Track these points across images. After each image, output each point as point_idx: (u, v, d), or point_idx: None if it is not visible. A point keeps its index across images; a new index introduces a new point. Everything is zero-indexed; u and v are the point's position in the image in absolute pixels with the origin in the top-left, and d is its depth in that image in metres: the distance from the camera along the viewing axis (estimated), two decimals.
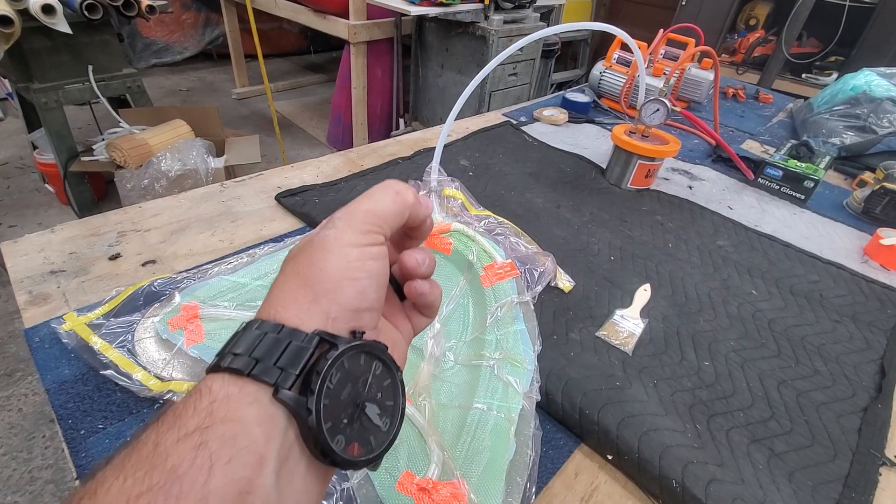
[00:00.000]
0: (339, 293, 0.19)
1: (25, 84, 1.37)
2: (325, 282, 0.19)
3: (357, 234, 0.20)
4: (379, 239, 0.21)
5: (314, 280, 0.19)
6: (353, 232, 0.20)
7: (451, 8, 1.73)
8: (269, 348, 0.17)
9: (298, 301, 0.19)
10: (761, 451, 0.37)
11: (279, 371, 0.16)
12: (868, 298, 0.56)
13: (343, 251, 0.20)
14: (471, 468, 0.32)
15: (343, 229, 0.20)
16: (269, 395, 0.16)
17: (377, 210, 0.21)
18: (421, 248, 0.24)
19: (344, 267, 0.19)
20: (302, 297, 0.19)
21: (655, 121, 0.70)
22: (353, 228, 0.20)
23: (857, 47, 2.04)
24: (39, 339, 0.41)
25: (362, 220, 0.21)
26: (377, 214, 0.21)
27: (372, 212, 0.21)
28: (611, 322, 0.48)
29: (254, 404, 0.16)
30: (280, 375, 0.16)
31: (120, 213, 0.58)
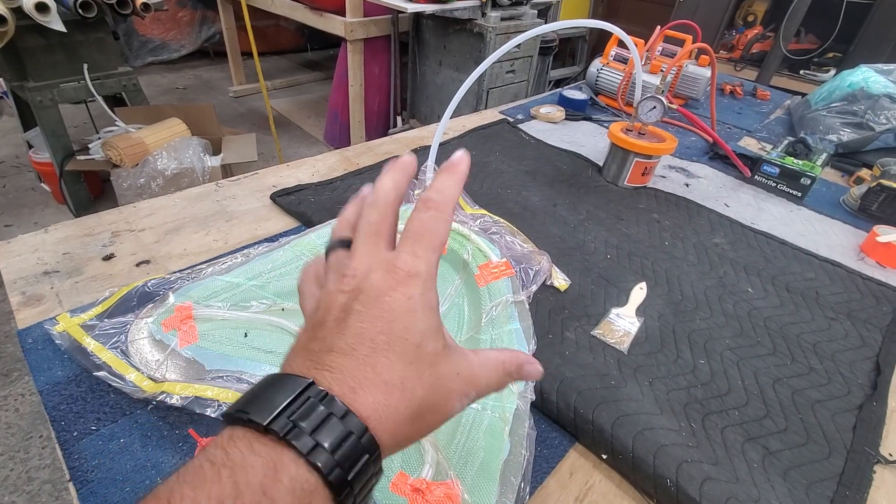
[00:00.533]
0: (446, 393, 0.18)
1: (20, 83, 1.36)
2: (430, 373, 0.18)
3: (435, 288, 0.19)
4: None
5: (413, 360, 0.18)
6: (433, 288, 0.19)
7: (448, 5, 1.72)
8: (349, 455, 0.16)
9: (387, 385, 0.17)
10: (756, 449, 0.37)
11: (348, 488, 0.16)
12: (864, 296, 0.56)
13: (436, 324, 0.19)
14: (465, 468, 0.32)
15: (429, 282, 0.19)
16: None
17: (444, 238, 0.20)
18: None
19: (449, 359, 0.19)
20: (394, 383, 0.17)
21: (652, 118, 0.69)
22: (435, 270, 0.19)
23: (855, 43, 2.04)
24: (33, 340, 0.41)
25: (438, 258, 0.19)
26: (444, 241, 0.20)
27: (443, 243, 0.20)
28: (606, 321, 0.48)
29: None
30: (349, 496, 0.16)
31: (114, 212, 0.57)
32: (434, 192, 0.20)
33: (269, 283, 0.45)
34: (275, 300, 0.44)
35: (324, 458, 0.15)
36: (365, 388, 0.17)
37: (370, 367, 0.17)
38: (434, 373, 0.18)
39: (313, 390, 0.16)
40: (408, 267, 0.19)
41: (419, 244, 0.19)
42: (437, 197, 0.20)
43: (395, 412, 0.17)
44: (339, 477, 0.15)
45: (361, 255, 0.19)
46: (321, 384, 0.17)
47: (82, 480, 0.32)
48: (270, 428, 0.15)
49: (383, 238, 0.20)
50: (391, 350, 0.17)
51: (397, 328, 0.18)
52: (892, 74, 0.94)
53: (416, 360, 0.18)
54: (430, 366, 0.18)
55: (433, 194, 0.20)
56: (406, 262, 0.19)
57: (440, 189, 0.21)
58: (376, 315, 0.18)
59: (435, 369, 0.18)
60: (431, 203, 0.20)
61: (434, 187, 0.21)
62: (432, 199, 0.20)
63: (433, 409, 0.18)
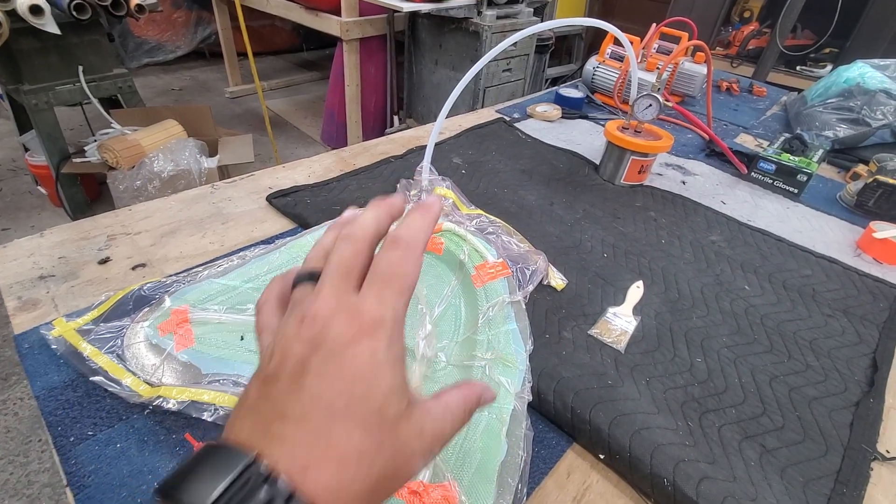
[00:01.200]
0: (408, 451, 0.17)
1: (15, 85, 1.35)
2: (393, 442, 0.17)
3: (402, 338, 0.17)
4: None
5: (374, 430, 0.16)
6: (399, 338, 0.17)
7: (444, 4, 1.72)
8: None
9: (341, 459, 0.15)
10: (753, 447, 0.37)
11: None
12: (860, 292, 0.56)
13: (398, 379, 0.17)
14: (462, 470, 0.32)
15: (396, 332, 0.17)
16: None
17: (414, 281, 0.18)
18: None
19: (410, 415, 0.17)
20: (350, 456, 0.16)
21: (648, 116, 0.69)
22: (403, 315, 0.17)
23: (852, 39, 2.04)
24: (29, 345, 0.41)
25: (407, 301, 0.18)
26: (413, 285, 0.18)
27: (414, 288, 0.18)
28: (603, 320, 0.48)
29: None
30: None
31: (110, 216, 0.57)
32: (405, 229, 0.19)
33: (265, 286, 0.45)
34: None
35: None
36: (318, 465, 0.15)
37: (324, 438, 0.16)
38: (395, 439, 0.17)
39: (255, 470, 0.15)
40: (373, 314, 0.17)
41: (387, 288, 0.18)
42: (408, 235, 0.19)
43: (348, 490, 0.15)
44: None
45: (326, 296, 0.18)
46: (269, 458, 0.15)
47: (79, 486, 0.32)
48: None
49: (353, 278, 0.18)
50: (350, 416, 0.16)
51: (358, 390, 0.16)
52: (889, 70, 0.94)
53: (377, 427, 0.16)
54: (392, 431, 0.17)
55: (404, 232, 0.19)
56: (372, 309, 0.17)
57: (411, 226, 0.19)
58: (336, 374, 0.16)
59: (396, 435, 0.17)
60: (401, 242, 0.19)
61: (405, 224, 0.19)
62: (402, 238, 0.19)
63: (392, 478, 0.17)
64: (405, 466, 0.17)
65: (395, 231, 0.19)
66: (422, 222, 0.20)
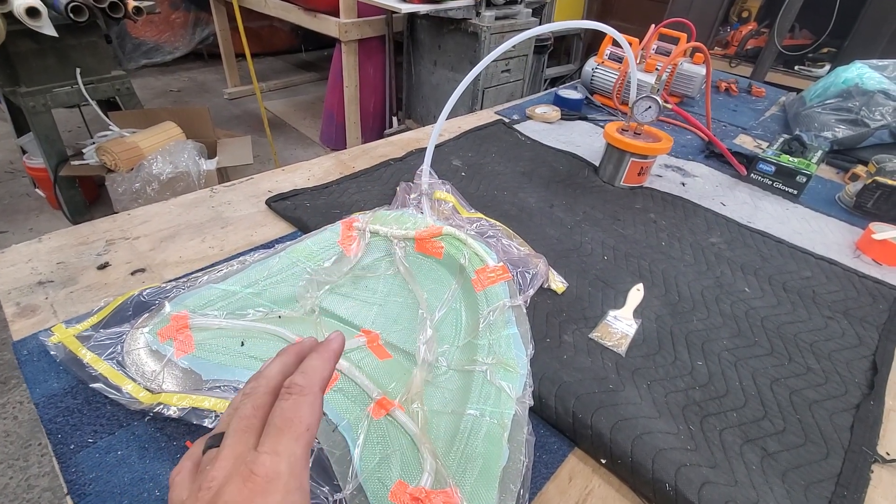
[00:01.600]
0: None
1: (12, 88, 1.35)
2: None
3: (304, 485, 0.18)
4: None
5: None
6: (298, 486, 0.17)
7: (443, 5, 1.71)
8: None
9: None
10: (754, 451, 0.37)
11: None
12: (860, 294, 0.56)
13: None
14: (464, 476, 0.32)
15: (292, 482, 0.17)
16: None
17: (316, 421, 0.19)
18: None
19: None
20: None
21: (647, 118, 0.69)
22: (303, 457, 0.18)
23: (850, 39, 2.04)
24: (28, 351, 0.41)
25: (308, 442, 0.18)
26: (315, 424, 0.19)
27: (314, 430, 0.19)
28: (604, 323, 0.48)
29: None
30: None
31: (108, 220, 0.57)
32: (298, 375, 0.20)
33: (266, 290, 0.45)
34: (271, 308, 0.44)
35: None
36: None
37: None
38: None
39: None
40: (266, 471, 0.17)
41: (280, 438, 0.18)
42: (301, 381, 0.20)
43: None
44: None
45: (224, 459, 0.18)
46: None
47: (80, 494, 0.32)
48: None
49: (252, 435, 0.19)
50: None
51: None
52: (887, 70, 0.94)
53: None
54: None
55: (297, 378, 0.20)
56: (264, 466, 0.17)
57: (305, 371, 0.20)
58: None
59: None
60: (294, 388, 0.19)
61: (300, 369, 0.20)
62: (295, 384, 0.20)
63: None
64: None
65: (290, 378, 0.20)
66: (320, 362, 0.21)
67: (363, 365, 0.40)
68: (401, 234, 0.51)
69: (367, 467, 0.32)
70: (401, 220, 0.53)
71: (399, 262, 0.50)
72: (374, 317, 0.45)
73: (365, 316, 0.45)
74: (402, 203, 0.58)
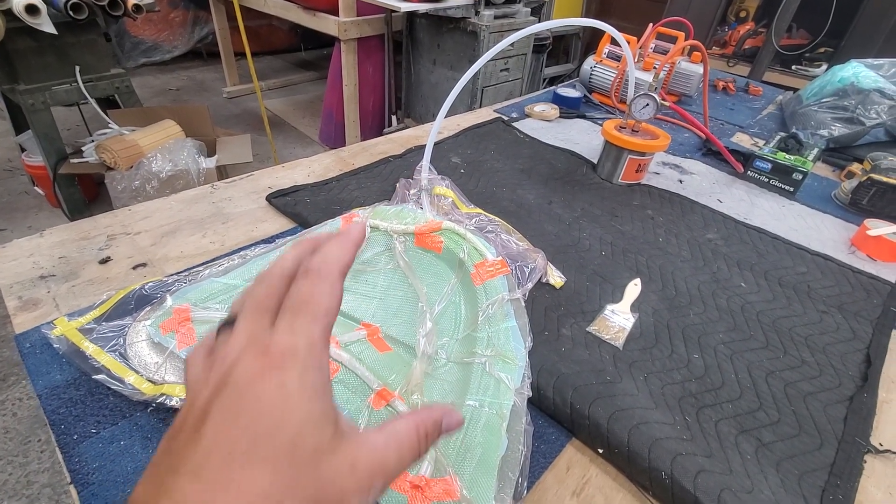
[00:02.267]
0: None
1: (11, 85, 1.35)
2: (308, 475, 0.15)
3: (323, 366, 0.16)
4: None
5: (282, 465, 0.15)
6: (317, 366, 0.16)
7: (442, 3, 1.72)
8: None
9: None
10: (749, 441, 0.38)
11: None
12: (855, 289, 0.57)
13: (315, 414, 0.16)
14: (463, 464, 0.33)
15: (310, 360, 0.16)
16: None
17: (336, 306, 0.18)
18: None
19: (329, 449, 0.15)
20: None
21: (645, 116, 0.70)
22: (322, 340, 0.16)
23: (847, 38, 2.05)
24: (30, 344, 0.41)
25: (326, 326, 0.17)
26: (335, 312, 0.17)
27: (333, 315, 0.17)
28: (601, 317, 0.48)
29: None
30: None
31: (110, 216, 0.57)
32: (317, 258, 0.19)
33: None
34: None
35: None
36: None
37: (221, 488, 0.14)
38: (316, 475, 0.15)
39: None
40: (282, 347, 0.16)
41: (297, 317, 0.17)
42: (319, 263, 0.18)
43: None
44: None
45: (237, 335, 0.17)
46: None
47: (83, 483, 0.32)
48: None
49: (267, 314, 0.17)
50: (253, 456, 0.14)
51: (263, 425, 0.15)
52: (882, 69, 0.95)
53: (290, 464, 0.15)
54: (310, 466, 0.15)
55: (315, 260, 0.18)
56: (280, 342, 0.16)
57: (323, 254, 0.19)
58: (237, 414, 0.15)
59: (317, 470, 0.15)
60: (311, 271, 0.18)
61: (319, 253, 0.19)
62: (312, 267, 0.18)
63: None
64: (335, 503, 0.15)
65: (307, 261, 0.19)
66: (338, 250, 0.19)
67: (364, 357, 0.40)
68: (401, 228, 0.52)
69: None
70: (400, 215, 0.53)
71: (399, 257, 0.50)
72: (375, 310, 0.45)
73: (365, 309, 0.45)
74: (401, 199, 0.59)
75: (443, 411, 0.19)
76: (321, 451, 0.15)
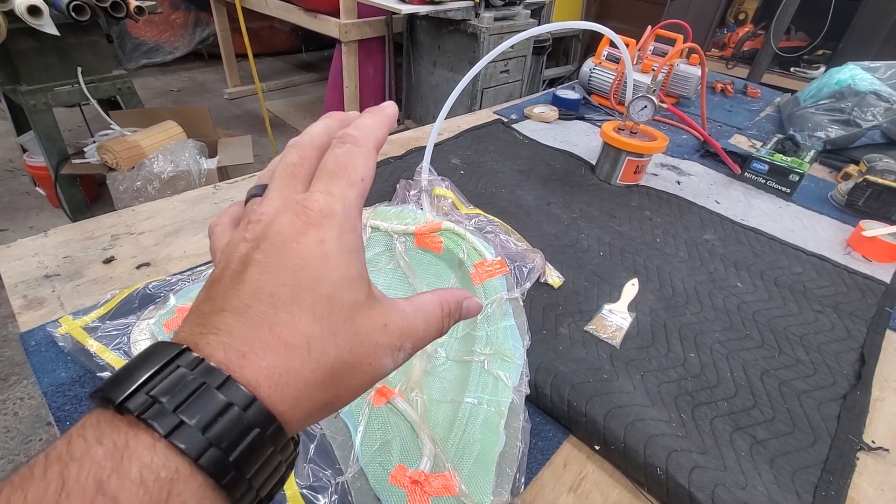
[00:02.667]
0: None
1: (13, 86, 1.36)
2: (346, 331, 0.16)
3: (357, 230, 0.16)
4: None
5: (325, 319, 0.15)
6: (353, 228, 0.16)
7: (442, 6, 1.73)
8: (228, 431, 0.13)
9: (287, 346, 0.14)
10: (744, 438, 0.38)
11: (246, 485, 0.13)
12: (850, 289, 0.58)
13: (352, 268, 0.16)
14: (462, 460, 0.33)
15: (347, 223, 0.16)
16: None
17: (370, 176, 0.18)
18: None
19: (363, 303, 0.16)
20: (296, 343, 0.15)
21: (643, 117, 0.71)
22: (357, 204, 0.17)
23: (845, 41, 2.06)
24: (35, 342, 0.41)
25: (362, 192, 0.17)
26: (368, 183, 0.18)
27: (367, 183, 0.17)
28: (599, 316, 0.49)
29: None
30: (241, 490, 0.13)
31: (113, 216, 0.58)
32: (353, 128, 0.19)
33: None
34: None
35: (190, 436, 0.12)
36: (257, 352, 0.14)
37: (267, 326, 0.14)
38: (352, 327, 0.16)
39: (185, 358, 0.14)
40: (320, 206, 0.16)
41: (334, 181, 0.17)
42: (355, 132, 0.18)
43: (297, 376, 0.14)
44: (216, 459, 0.12)
45: (272, 198, 0.17)
46: (200, 351, 0.14)
47: None
48: (125, 406, 0.13)
49: (300, 180, 0.18)
50: (295, 304, 0.15)
51: (304, 278, 0.15)
52: (879, 72, 0.96)
53: (328, 314, 0.15)
54: (347, 319, 0.16)
55: (351, 129, 0.18)
56: (318, 202, 0.16)
57: (359, 125, 0.19)
58: (279, 264, 0.15)
59: (353, 323, 0.16)
60: (348, 138, 0.18)
61: (354, 124, 0.19)
62: (349, 135, 0.18)
63: (354, 369, 0.16)
64: (368, 358, 0.16)
65: (342, 130, 0.19)
66: (371, 121, 0.19)
67: None
68: (401, 229, 0.52)
69: (368, 452, 0.33)
70: (401, 215, 0.54)
71: (399, 257, 0.51)
72: None
73: None
74: (402, 199, 0.59)
75: (465, 294, 0.20)
76: (357, 307, 0.16)
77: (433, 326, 0.19)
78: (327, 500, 0.31)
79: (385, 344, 0.17)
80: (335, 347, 0.15)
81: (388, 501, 0.31)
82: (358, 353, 0.16)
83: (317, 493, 0.31)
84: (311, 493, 0.31)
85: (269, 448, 0.14)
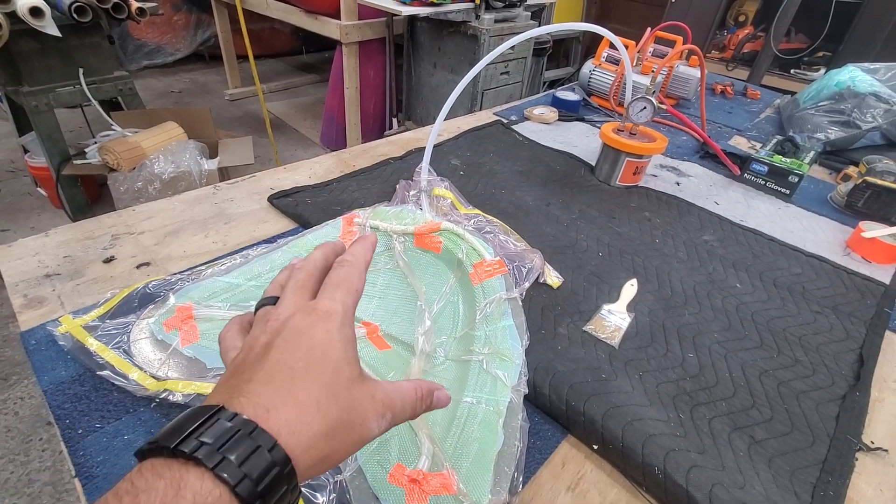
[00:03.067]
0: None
1: (15, 87, 1.36)
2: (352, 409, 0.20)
3: (352, 326, 0.22)
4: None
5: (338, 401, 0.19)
6: (350, 325, 0.22)
7: (442, 7, 1.73)
8: (257, 467, 0.16)
9: (301, 404, 0.18)
10: (742, 438, 0.38)
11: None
12: (849, 290, 0.58)
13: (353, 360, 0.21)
14: (460, 459, 0.33)
15: (346, 320, 0.21)
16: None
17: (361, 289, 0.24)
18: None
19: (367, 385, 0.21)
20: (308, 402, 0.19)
21: (642, 119, 0.71)
22: (352, 310, 0.22)
23: (844, 42, 2.06)
24: (36, 341, 0.42)
25: (356, 301, 0.23)
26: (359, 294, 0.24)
27: (360, 293, 0.23)
28: (598, 316, 0.49)
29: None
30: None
31: (113, 216, 0.58)
32: (348, 255, 0.25)
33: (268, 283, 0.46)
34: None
35: (231, 470, 0.16)
36: (279, 408, 0.18)
37: (286, 390, 0.18)
38: (349, 395, 0.20)
39: (224, 413, 0.17)
40: (326, 307, 0.21)
41: (336, 291, 0.22)
42: (351, 258, 0.24)
43: (308, 428, 0.18)
44: (248, 488, 0.16)
45: (287, 304, 0.22)
46: (234, 408, 0.18)
47: (88, 476, 0.33)
48: (178, 449, 0.16)
49: (308, 291, 0.23)
50: (308, 374, 0.19)
51: (315, 355, 0.20)
52: (879, 73, 0.96)
53: (333, 383, 0.20)
54: (346, 388, 0.20)
55: (347, 256, 0.25)
56: (324, 305, 0.21)
57: (353, 252, 0.25)
58: (296, 346, 0.20)
59: (350, 391, 0.20)
60: (346, 262, 0.24)
61: (348, 251, 0.25)
62: (346, 259, 0.24)
63: (349, 428, 0.20)
64: (360, 421, 0.20)
65: (341, 256, 0.25)
66: (361, 249, 0.25)
67: (363, 355, 0.41)
68: (400, 229, 0.53)
69: (367, 451, 0.33)
70: (400, 215, 0.54)
71: (398, 257, 0.51)
72: (374, 309, 0.46)
73: (365, 308, 0.46)
74: (401, 200, 0.59)
75: (437, 386, 0.25)
76: (353, 380, 0.21)
77: (408, 405, 0.23)
78: (326, 499, 0.31)
79: (373, 411, 0.21)
80: (337, 408, 0.19)
81: (386, 500, 0.31)
82: (353, 415, 0.20)
83: (315, 491, 0.31)
84: (310, 491, 0.31)
85: (284, 484, 0.17)
